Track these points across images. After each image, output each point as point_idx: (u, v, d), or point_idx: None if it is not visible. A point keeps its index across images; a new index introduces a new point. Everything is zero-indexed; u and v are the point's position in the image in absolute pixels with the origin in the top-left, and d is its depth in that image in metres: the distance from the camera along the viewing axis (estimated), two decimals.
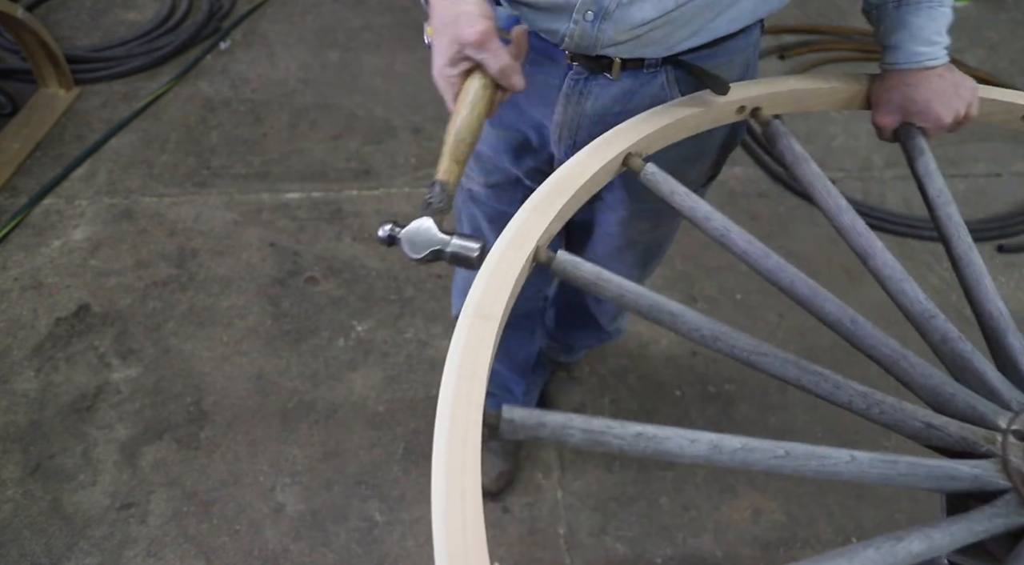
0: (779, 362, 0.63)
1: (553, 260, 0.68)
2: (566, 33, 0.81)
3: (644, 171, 0.78)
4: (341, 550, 1.49)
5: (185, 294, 1.92)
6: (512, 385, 1.54)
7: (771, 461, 0.56)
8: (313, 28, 2.93)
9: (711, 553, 1.55)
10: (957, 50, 3.23)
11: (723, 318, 2.08)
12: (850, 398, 0.62)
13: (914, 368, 0.65)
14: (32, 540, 1.45)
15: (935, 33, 0.86)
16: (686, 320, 0.64)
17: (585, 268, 0.66)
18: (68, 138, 2.33)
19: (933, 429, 0.61)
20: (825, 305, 0.69)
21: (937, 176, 0.85)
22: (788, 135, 0.84)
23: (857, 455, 0.57)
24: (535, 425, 0.54)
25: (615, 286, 0.65)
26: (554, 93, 0.90)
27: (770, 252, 0.71)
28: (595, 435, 0.54)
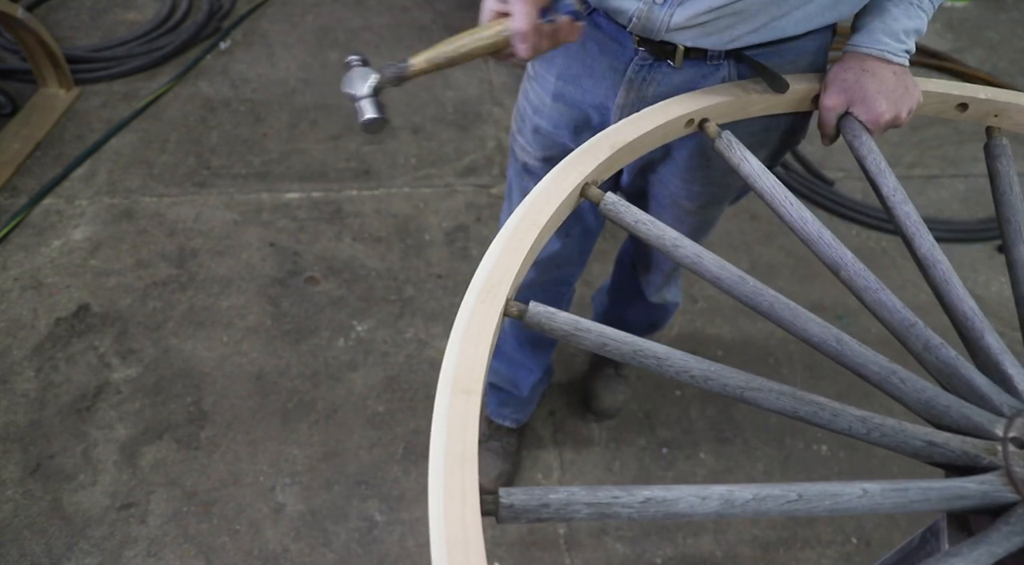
0: (773, 396, 0.62)
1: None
2: (634, 14, 0.83)
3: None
4: (341, 550, 1.49)
5: (185, 294, 1.92)
6: (521, 379, 1.52)
7: (784, 506, 0.55)
8: (313, 28, 2.93)
9: (711, 553, 1.55)
10: (957, 50, 3.23)
11: (723, 318, 2.09)
12: (849, 424, 0.62)
13: (905, 383, 0.65)
14: (32, 540, 1.45)
15: (903, 31, 0.87)
16: (673, 363, 0.63)
17: (560, 318, 0.64)
18: (68, 138, 2.33)
19: (935, 447, 0.61)
20: (808, 326, 0.68)
21: (890, 174, 0.84)
22: (741, 147, 0.83)
23: (868, 488, 0.57)
24: (537, 507, 0.51)
25: (595, 335, 0.63)
26: (619, 77, 0.93)
27: (745, 276, 0.70)
28: (602, 508, 0.52)
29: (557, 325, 0.63)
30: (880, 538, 1.59)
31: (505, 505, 0.50)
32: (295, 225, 2.13)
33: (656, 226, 0.73)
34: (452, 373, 0.55)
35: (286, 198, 2.21)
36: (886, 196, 0.83)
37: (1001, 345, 0.69)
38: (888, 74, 0.87)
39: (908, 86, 0.88)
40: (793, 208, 0.78)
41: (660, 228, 0.73)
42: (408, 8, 3.06)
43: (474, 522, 0.47)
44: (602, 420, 1.76)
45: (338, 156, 2.37)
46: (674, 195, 1.11)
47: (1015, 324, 2.09)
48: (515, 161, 1.19)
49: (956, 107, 0.95)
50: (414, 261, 2.06)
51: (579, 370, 1.85)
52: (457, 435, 0.51)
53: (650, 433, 1.75)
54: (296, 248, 2.07)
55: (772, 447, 1.73)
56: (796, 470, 1.70)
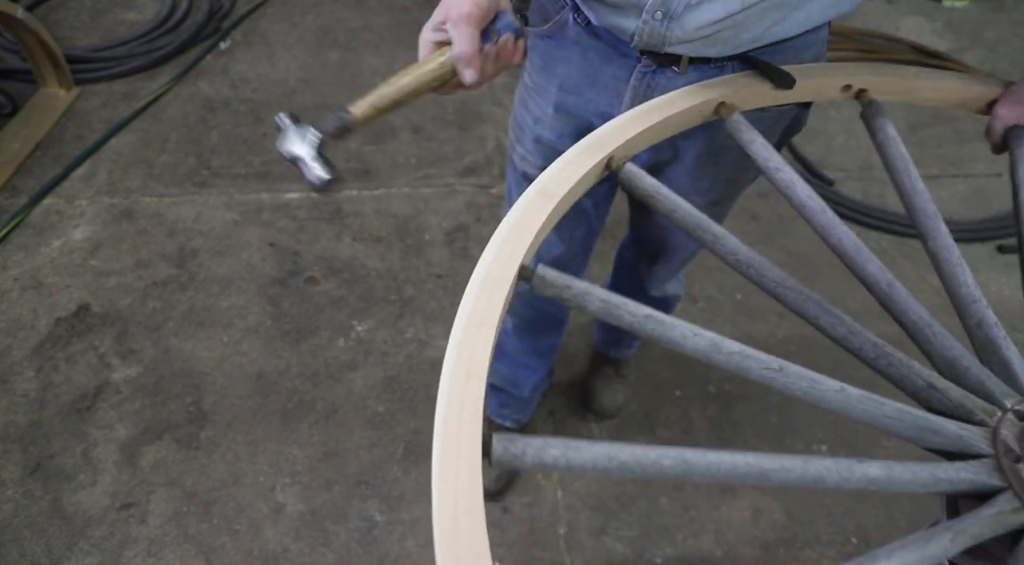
0: (802, 298, 0.66)
1: (622, 169, 0.74)
2: (635, 31, 0.83)
3: (731, 119, 0.84)
4: (341, 550, 1.49)
5: (185, 294, 1.92)
6: (522, 380, 1.52)
7: (764, 371, 0.58)
8: (313, 28, 2.93)
9: (711, 553, 1.55)
10: (957, 50, 3.23)
11: (723, 318, 2.09)
12: (861, 345, 0.64)
13: (936, 337, 0.66)
14: (32, 540, 1.45)
15: None
16: (726, 243, 0.68)
17: (647, 181, 0.71)
18: (68, 138, 2.33)
19: (934, 390, 0.62)
20: (867, 266, 0.72)
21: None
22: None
23: (848, 388, 0.59)
24: (562, 286, 0.59)
25: (670, 201, 0.71)
26: (622, 85, 0.93)
27: (827, 208, 0.75)
28: (611, 307, 0.58)
29: (643, 186, 0.70)
30: (880, 538, 1.59)
31: (539, 276, 0.59)
32: (295, 225, 2.13)
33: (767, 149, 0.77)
34: (469, 310, 0.59)
35: (286, 198, 2.21)
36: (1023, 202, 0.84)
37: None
38: None
39: None
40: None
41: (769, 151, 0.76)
42: (408, 8, 3.06)
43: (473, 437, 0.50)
44: (602, 420, 1.76)
45: (338, 156, 2.36)
46: (683, 192, 1.10)
47: (1016, 324, 2.09)
48: (514, 170, 1.18)
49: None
50: (414, 261, 2.06)
51: (579, 370, 1.85)
52: (466, 357, 0.55)
53: (650, 433, 1.75)
54: (296, 248, 2.07)
55: (772, 447, 1.73)
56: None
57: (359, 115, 0.77)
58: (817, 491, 1.64)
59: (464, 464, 0.49)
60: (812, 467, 0.56)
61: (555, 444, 0.51)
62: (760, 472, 0.54)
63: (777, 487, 0.57)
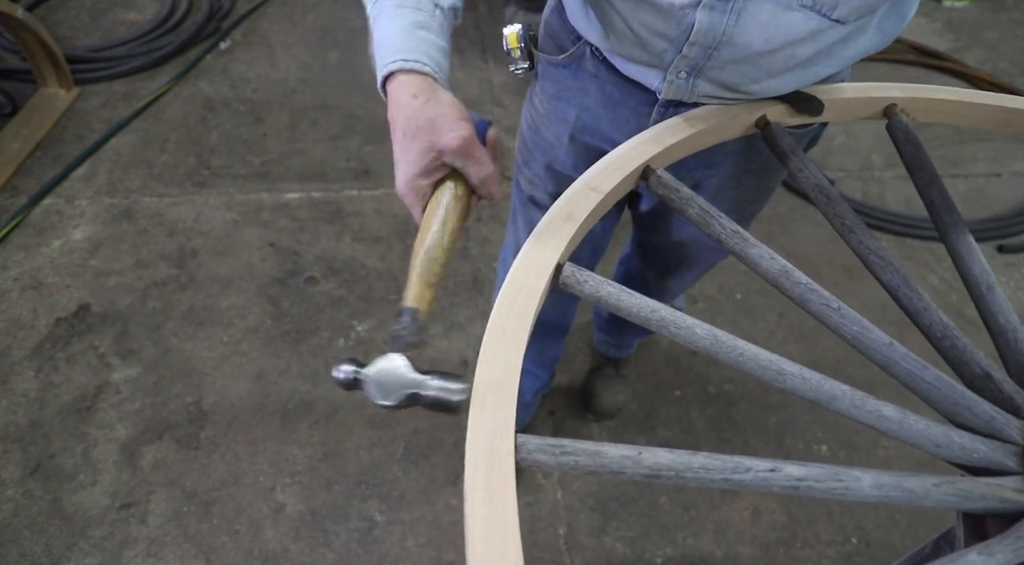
0: (891, 270, 0.67)
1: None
2: (659, 89, 0.82)
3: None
4: (341, 550, 1.49)
5: (185, 294, 1.92)
6: (525, 386, 1.53)
7: (822, 306, 0.61)
8: (313, 28, 2.93)
9: (711, 553, 1.55)
10: (957, 50, 3.23)
11: (723, 318, 2.09)
12: (931, 322, 0.65)
13: (1018, 343, 0.67)
14: (32, 540, 1.45)
15: None
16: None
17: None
18: (68, 138, 2.33)
19: (989, 380, 0.63)
20: (973, 267, 0.72)
21: None
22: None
23: (897, 345, 0.61)
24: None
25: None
26: (644, 120, 0.90)
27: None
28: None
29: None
30: (880, 538, 1.59)
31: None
32: (295, 225, 2.13)
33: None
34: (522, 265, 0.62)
35: (286, 198, 2.21)
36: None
37: None
38: None
39: None
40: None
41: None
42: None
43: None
44: (602, 420, 1.76)
45: (338, 156, 2.37)
46: (723, 182, 1.09)
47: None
48: (519, 192, 1.16)
49: None
50: None
51: (579, 370, 1.85)
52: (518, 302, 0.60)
53: (650, 433, 1.75)
54: (296, 248, 2.06)
55: (772, 447, 1.73)
56: None
57: (424, 306, 0.65)
58: None
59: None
60: (827, 385, 0.58)
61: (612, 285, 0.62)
62: (778, 370, 0.59)
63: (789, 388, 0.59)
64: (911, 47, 3.18)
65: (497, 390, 0.54)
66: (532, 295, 0.60)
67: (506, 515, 0.47)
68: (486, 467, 0.50)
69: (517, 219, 1.23)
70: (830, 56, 0.78)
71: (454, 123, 0.63)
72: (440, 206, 0.66)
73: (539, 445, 0.52)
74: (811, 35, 0.72)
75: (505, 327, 0.58)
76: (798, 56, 0.75)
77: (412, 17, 0.68)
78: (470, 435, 0.51)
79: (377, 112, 2.55)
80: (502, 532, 0.46)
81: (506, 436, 0.51)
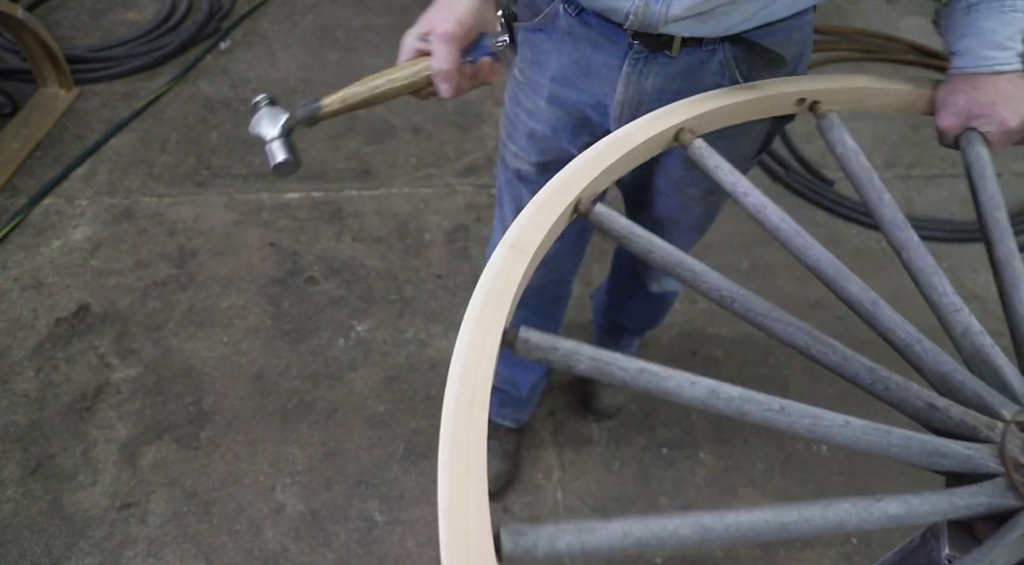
0: (791, 329, 0.64)
1: (591, 212, 0.72)
2: (630, 11, 0.83)
3: (692, 145, 0.82)
4: (341, 550, 1.49)
5: (185, 294, 1.92)
6: (520, 379, 1.52)
7: (766, 413, 0.57)
8: (313, 28, 2.93)
9: (711, 553, 1.55)
10: None
11: (722, 318, 2.08)
12: (856, 371, 0.63)
13: (927, 353, 0.66)
14: (32, 540, 1.45)
15: (1007, 38, 0.85)
16: (707, 279, 0.67)
17: (619, 222, 0.69)
18: (68, 138, 2.33)
19: (935, 410, 0.61)
20: (849, 286, 0.71)
21: (991, 181, 0.85)
22: (842, 128, 0.85)
23: (852, 420, 0.58)
24: (548, 348, 0.57)
25: (644, 241, 0.69)
26: (615, 73, 0.92)
27: (802, 231, 0.74)
28: (602, 364, 0.57)
29: (615, 227, 0.69)
30: (880, 538, 1.59)
31: (522, 339, 0.56)
32: (295, 225, 2.13)
33: (733, 174, 0.75)
34: (512, 238, 0.60)
35: (286, 198, 2.21)
36: (983, 201, 0.84)
37: None
38: (1003, 83, 0.86)
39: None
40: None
41: (736, 176, 0.74)
42: (408, 8, 3.06)
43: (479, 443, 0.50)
44: (602, 420, 1.76)
45: (338, 156, 2.37)
46: (679, 184, 1.10)
47: None
48: (505, 168, 1.18)
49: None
50: (414, 261, 2.06)
51: None
52: (500, 284, 0.57)
53: (650, 433, 1.75)
54: (296, 248, 2.07)
55: (772, 447, 1.73)
56: (796, 470, 1.70)
57: (330, 107, 0.80)
58: (816, 490, 1.64)
59: None
60: (832, 513, 0.55)
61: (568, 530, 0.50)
62: (780, 526, 0.54)
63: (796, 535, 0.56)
64: (911, 47, 3.18)
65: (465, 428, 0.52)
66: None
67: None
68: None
69: (503, 200, 1.23)
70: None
71: (451, 18, 0.76)
72: (404, 67, 0.81)
73: None
74: None
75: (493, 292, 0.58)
76: None
77: None
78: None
79: (377, 112, 2.55)
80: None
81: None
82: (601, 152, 0.76)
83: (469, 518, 0.47)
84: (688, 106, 0.83)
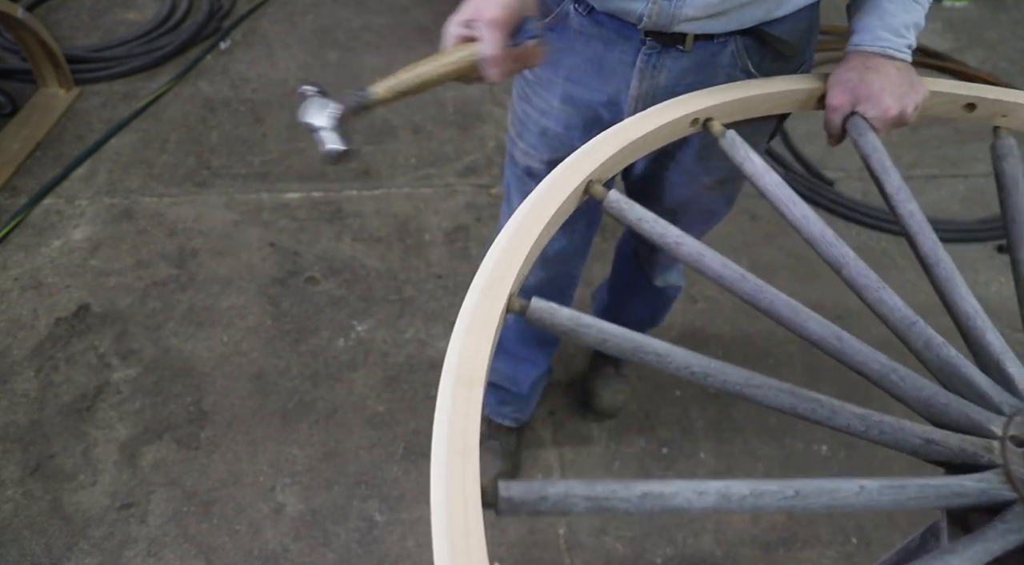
0: (772, 393, 0.62)
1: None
2: (644, 13, 0.84)
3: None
4: (341, 550, 1.49)
5: (185, 294, 1.92)
6: (521, 375, 1.52)
7: (781, 502, 0.55)
8: (313, 28, 2.93)
9: (711, 553, 1.55)
10: (957, 50, 3.23)
11: (723, 319, 2.08)
12: (847, 421, 0.62)
13: (904, 381, 0.65)
14: (32, 540, 1.45)
15: (903, 26, 0.87)
16: (673, 359, 0.63)
17: (562, 314, 0.64)
18: (68, 138, 2.33)
19: (933, 444, 0.61)
20: (808, 324, 0.68)
21: (894, 172, 0.84)
22: (746, 146, 0.83)
23: (866, 485, 0.57)
24: (535, 500, 0.52)
25: (596, 331, 0.63)
26: (628, 69, 0.93)
27: (747, 274, 0.70)
28: (600, 502, 0.53)
29: (558, 321, 0.63)
30: (880, 538, 1.59)
31: (504, 498, 0.51)
32: (295, 225, 2.13)
33: (659, 224, 0.74)
34: (455, 366, 0.56)
35: (286, 198, 2.21)
36: (890, 194, 0.83)
37: (1003, 344, 0.69)
38: (892, 70, 0.87)
39: (913, 82, 0.88)
40: (795, 207, 0.78)
41: (663, 226, 0.73)
42: (408, 8, 3.06)
43: (476, 516, 0.48)
44: (602, 420, 1.76)
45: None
46: (691, 173, 1.10)
47: (1016, 324, 2.09)
48: (514, 166, 1.18)
49: (964, 107, 0.95)
50: (414, 261, 2.06)
51: (579, 370, 1.85)
52: (459, 430, 0.52)
53: (650, 433, 1.75)
54: (296, 248, 2.07)
55: (772, 447, 1.73)
56: (796, 470, 1.70)
57: (379, 95, 0.79)
58: None
59: None
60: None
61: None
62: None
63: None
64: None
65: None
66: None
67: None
68: None
69: (512, 197, 1.24)
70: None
71: (496, 5, 0.76)
72: (451, 54, 0.79)
73: None
74: None
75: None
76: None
77: None
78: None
79: (376, 112, 2.55)
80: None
81: None
82: (615, 133, 0.77)
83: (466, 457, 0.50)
84: (696, 98, 0.84)
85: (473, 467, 0.51)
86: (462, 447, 0.51)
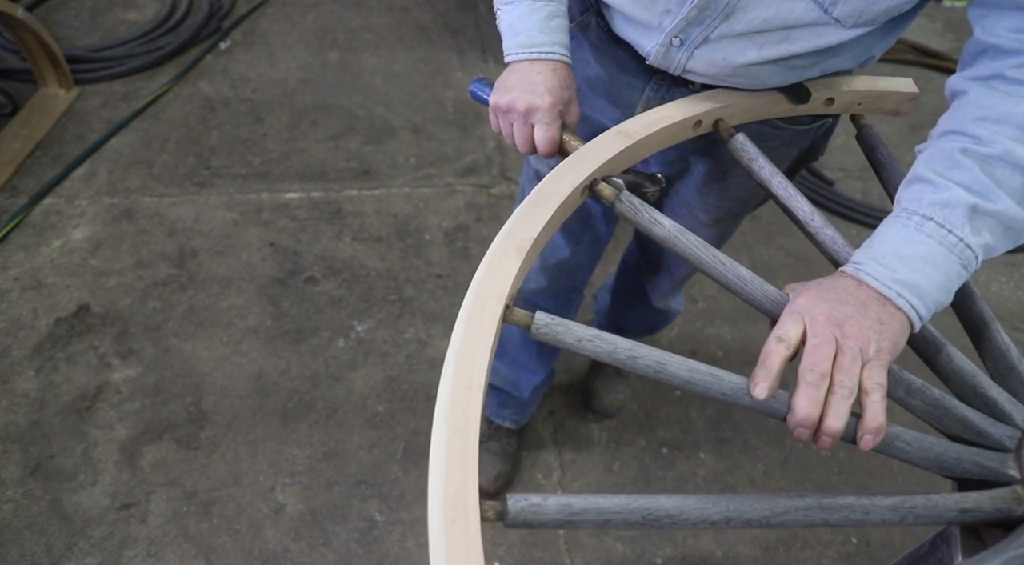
0: (801, 514, 0.60)
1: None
2: (651, 52, 0.83)
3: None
4: (341, 550, 1.49)
5: (185, 294, 1.92)
6: (522, 381, 1.52)
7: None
8: (313, 28, 2.93)
9: (711, 553, 1.55)
10: (957, 50, 3.23)
11: (723, 319, 2.08)
12: (883, 517, 0.60)
13: (911, 445, 0.63)
14: (32, 540, 1.45)
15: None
16: (688, 516, 0.60)
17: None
18: (68, 138, 2.33)
19: (967, 512, 0.61)
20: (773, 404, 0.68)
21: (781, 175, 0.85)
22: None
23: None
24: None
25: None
26: (637, 95, 0.93)
27: (719, 376, 0.66)
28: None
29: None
30: (880, 538, 1.59)
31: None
32: (295, 225, 2.13)
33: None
34: (451, 374, 0.56)
35: (286, 198, 2.21)
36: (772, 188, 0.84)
37: (1016, 351, 0.70)
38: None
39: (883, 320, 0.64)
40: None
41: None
42: (408, 8, 3.06)
43: (474, 526, 0.48)
44: (602, 420, 1.76)
45: (338, 156, 2.37)
46: (690, 207, 1.11)
47: (1016, 324, 2.09)
48: (528, 167, 1.19)
49: (824, 103, 0.93)
50: (414, 261, 2.06)
51: (579, 370, 1.85)
52: (458, 440, 0.52)
53: (650, 433, 1.75)
54: (296, 248, 2.07)
55: (772, 447, 1.73)
56: (796, 470, 1.70)
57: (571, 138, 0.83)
58: (816, 490, 1.64)
59: None
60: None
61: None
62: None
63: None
64: (911, 47, 3.18)
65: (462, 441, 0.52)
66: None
67: None
68: None
69: (525, 195, 1.24)
70: (816, 61, 0.80)
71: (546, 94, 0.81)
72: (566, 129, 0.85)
73: None
74: (808, 27, 0.73)
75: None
76: (792, 38, 0.76)
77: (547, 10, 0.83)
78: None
79: (376, 112, 2.56)
80: None
81: None
82: (619, 131, 0.78)
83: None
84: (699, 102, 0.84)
85: (473, 477, 0.51)
86: (461, 454, 0.52)
